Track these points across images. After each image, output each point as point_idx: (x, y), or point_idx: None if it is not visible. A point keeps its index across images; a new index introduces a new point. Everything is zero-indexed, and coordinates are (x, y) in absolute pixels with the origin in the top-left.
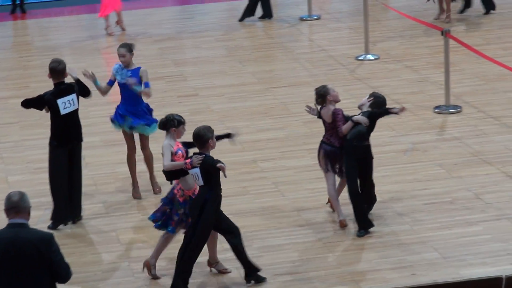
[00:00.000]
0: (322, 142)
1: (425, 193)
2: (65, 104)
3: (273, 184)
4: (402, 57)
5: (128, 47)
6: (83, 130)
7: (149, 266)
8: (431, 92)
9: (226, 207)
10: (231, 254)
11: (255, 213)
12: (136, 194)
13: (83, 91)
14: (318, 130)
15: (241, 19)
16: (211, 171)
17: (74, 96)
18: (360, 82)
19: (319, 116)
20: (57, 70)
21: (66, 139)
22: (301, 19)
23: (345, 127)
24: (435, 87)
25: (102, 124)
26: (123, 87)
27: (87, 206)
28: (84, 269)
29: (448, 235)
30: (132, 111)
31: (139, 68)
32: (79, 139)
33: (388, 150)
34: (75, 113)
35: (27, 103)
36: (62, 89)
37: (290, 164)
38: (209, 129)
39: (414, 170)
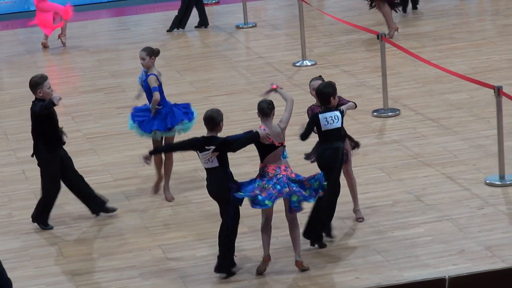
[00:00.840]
0: None
1: (366, 196)
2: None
3: None
4: (339, 62)
5: (148, 51)
6: (24, 145)
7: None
8: (369, 96)
9: (169, 216)
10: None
11: (198, 222)
12: (156, 189)
13: None
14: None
15: (170, 30)
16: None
17: None
18: (298, 88)
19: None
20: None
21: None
22: (237, 27)
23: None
24: (373, 91)
25: None
26: (146, 91)
27: (29, 220)
28: (27, 283)
29: (390, 237)
30: (158, 112)
31: (150, 75)
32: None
33: None
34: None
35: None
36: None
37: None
38: (219, 112)
39: (355, 174)
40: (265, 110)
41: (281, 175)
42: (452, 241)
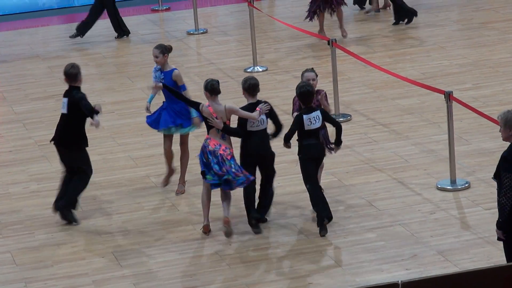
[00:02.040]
0: None
1: None
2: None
3: (167, 199)
4: (290, 68)
5: (161, 49)
6: None
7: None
8: None
9: (122, 224)
10: None
11: (151, 228)
12: (165, 182)
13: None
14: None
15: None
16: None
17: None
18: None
19: None
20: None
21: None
22: (188, 33)
23: None
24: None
25: None
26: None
27: None
28: None
29: (343, 243)
30: (175, 109)
31: (172, 70)
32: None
33: (281, 161)
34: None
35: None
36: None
37: (185, 177)
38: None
39: None
40: (216, 88)
41: (218, 154)
42: (405, 246)
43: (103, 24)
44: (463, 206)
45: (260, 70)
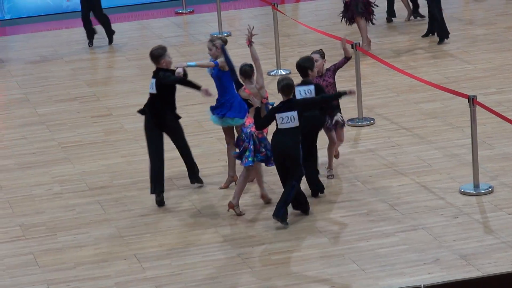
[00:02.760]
0: None
1: (340, 205)
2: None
3: (190, 202)
4: None
5: (212, 42)
6: None
7: (233, 206)
8: (344, 105)
9: (144, 226)
10: None
11: (173, 231)
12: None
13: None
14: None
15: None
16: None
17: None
18: (274, 98)
19: None
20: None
21: None
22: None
23: None
24: (348, 100)
25: (16, 147)
26: (216, 78)
27: (3, 230)
28: None
29: (365, 246)
30: (222, 102)
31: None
32: None
33: None
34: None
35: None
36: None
37: (205, 181)
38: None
39: (329, 183)
40: (247, 71)
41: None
42: (427, 250)
43: (127, 27)
44: (486, 211)
45: (284, 73)
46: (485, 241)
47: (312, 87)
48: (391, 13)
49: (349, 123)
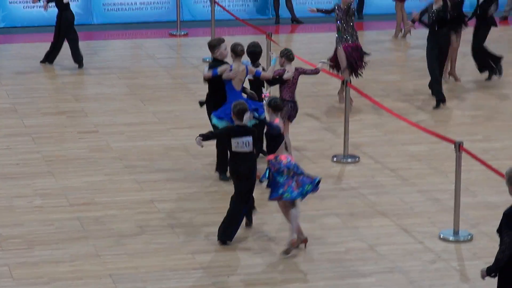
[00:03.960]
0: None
1: (320, 242)
2: None
3: (169, 226)
4: (303, 105)
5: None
6: None
7: (305, 240)
8: (330, 140)
9: (122, 246)
10: None
11: (150, 254)
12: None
13: None
14: (216, 175)
15: (43, 61)
16: None
17: None
18: None
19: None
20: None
21: None
22: (204, 60)
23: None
24: (334, 135)
25: (0, 156)
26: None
27: None
28: None
29: (341, 285)
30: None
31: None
32: None
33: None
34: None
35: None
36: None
37: (187, 206)
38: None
39: (311, 219)
40: (279, 105)
41: (293, 164)
42: None
43: (120, 45)
44: (464, 258)
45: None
46: None
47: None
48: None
49: (334, 159)
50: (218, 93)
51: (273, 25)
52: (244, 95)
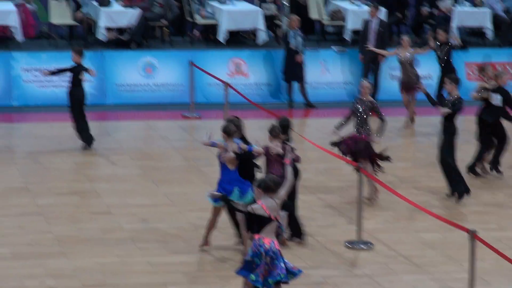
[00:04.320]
0: None
1: None
2: None
3: None
4: (316, 190)
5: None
6: None
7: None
8: (343, 226)
9: None
10: None
11: None
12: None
13: None
14: (229, 257)
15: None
16: None
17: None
18: None
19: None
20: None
21: None
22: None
23: None
24: (347, 221)
25: (12, 236)
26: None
27: None
28: None
29: None
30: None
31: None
32: None
33: (299, 282)
34: None
35: None
36: None
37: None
38: None
39: None
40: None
41: (276, 249)
42: None
43: (133, 126)
44: None
45: None
46: None
47: None
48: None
49: (348, 245)
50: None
51: (287, 109)
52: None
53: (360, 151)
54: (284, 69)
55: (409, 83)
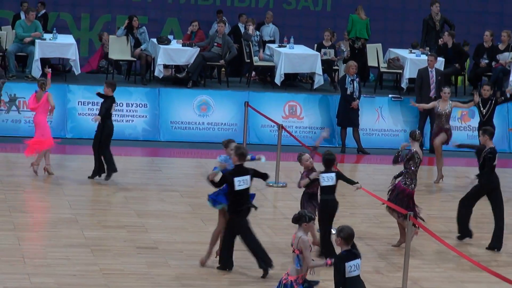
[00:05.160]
0: None
1: None
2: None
3: None
4: (363, 235)
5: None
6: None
7: None
8: (389, 273)
9: None
10: None
11: None
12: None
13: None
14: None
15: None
16: None
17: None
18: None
19: None
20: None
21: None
22: (268, 184)
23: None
24: (394, 268)
25: (58, 266)
26: None
27: None
28: None
29: None
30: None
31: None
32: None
33: None
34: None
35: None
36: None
37: None
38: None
39: None
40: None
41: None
42: None
43: (185, 163)
44: None
45: (333, 232)
46: None
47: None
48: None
49: None
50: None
51: (339, 153)
52: None
53: (401, 203)
54: (338, 114)
55: (441, 136)
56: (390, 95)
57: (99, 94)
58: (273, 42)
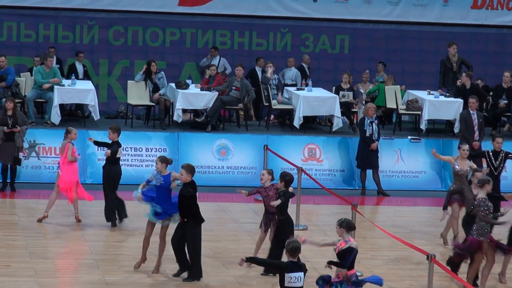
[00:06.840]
0: None
1: None
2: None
3: None
4: (385, 277)
5: (161, 159)
6: None
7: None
8: None
9: None
10: None
11: None
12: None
13: None
14: None
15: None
16: None
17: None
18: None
19: None
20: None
21: None
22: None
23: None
24: None
25: None
26: (158, 189)
27: None
28: None
29: None
30: (165, 208)
31: (169, 173)
32: None
33: None
34: None
35: None
36: None
37: None
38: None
39: None
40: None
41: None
42: None
43: (205, 207)
44: None
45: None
46: None
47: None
48: None
49: None
50: None
51: (359, 196)
52: None
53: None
54: (358, 156)
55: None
56: (409, 137)
57: (96, 143)
58: (294, 85)
